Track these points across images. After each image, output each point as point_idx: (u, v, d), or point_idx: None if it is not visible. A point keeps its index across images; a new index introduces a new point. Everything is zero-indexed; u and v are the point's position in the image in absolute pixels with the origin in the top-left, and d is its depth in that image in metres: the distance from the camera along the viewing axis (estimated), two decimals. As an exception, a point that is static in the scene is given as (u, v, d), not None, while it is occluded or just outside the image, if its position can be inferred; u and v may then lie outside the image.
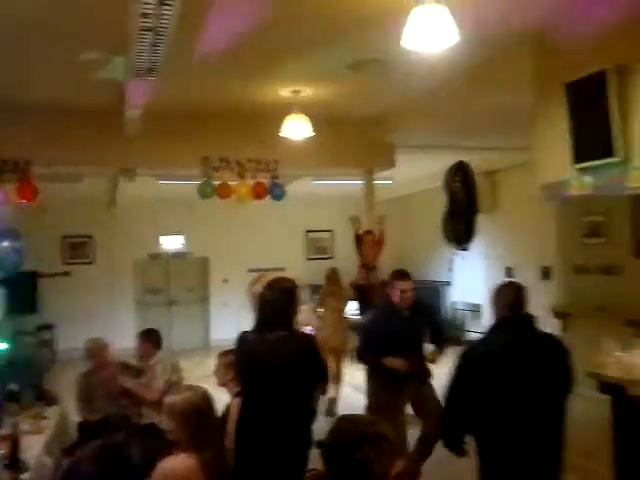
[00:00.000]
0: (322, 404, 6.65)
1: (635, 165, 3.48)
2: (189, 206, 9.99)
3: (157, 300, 11.20)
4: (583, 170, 3.81)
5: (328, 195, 10.82)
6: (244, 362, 3.17)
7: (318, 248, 12.05)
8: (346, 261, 7.68)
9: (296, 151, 5.91)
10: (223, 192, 6.06)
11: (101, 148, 5.87)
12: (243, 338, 3.19)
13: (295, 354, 3.10)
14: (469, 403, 2.92)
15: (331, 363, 6.73)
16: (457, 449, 3.01)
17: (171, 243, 11.22)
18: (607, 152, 3.56)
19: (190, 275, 11.49)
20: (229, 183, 6.11)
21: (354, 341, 8.18)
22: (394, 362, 4.07)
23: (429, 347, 4.51)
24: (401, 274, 4.28)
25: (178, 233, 11.11)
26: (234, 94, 5.55)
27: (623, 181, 3.56)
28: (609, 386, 3.72)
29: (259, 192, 6.13)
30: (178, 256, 11.25)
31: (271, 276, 3.72)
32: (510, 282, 3.27)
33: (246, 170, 6.06)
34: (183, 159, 6.14)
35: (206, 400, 2.67)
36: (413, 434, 4.41)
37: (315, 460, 3.68)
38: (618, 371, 3.70)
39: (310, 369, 3.17)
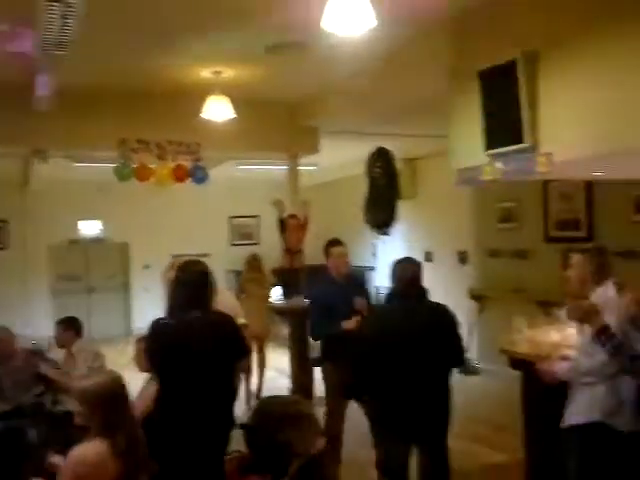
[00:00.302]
0: (247, 390, 6.63)
1: (542, 151, 3.63)
2: (107, 190, 9.68)
3: (75, 287, 10.81)
4: (495, 156, 3.95)
5: (253, 180, 10.74)
6: (161, 346, 3.09)
7: (243, 234, 11.97)
8: (272, 247, 7.63)
9: (219, 134, 5.81)
10: (142, 174, 5.86)
11: (8, 126, 5.49)
12: (158, 322, 3.13)
13: (214, 333, 3.09)
14: (368, 363, 3.36)
15: (254, 350, 6.65)
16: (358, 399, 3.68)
17: (89, 228, 10.84)
18: (517, 139, 3.69)
19: (110, 261, 11.17)
20: (148, 165, 5.92)
21: (277, 327, 8.17)
22: (350, 323, 4.06)
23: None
24: (334, 241, 4.52)
25: (95, 218, 10.75)
26: (153, 73, 5.35)
27: (532, 166, 3.71)
28: (519, 362, 3.89)
29: (180, 175, 5.97)
30: (96, 241, 10.89)
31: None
32: (407, 258, 3.62)
33: (166, 152, 5.89)
34: (99, 140, 5.86)
35: (119, 384, 2.61)
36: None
37: (238, 442, 3.69)
38: (527, 347, 3.88)
39: (230, 348, 3.16)
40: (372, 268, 11.02)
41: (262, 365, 7.04)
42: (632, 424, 2.92)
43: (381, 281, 11.02)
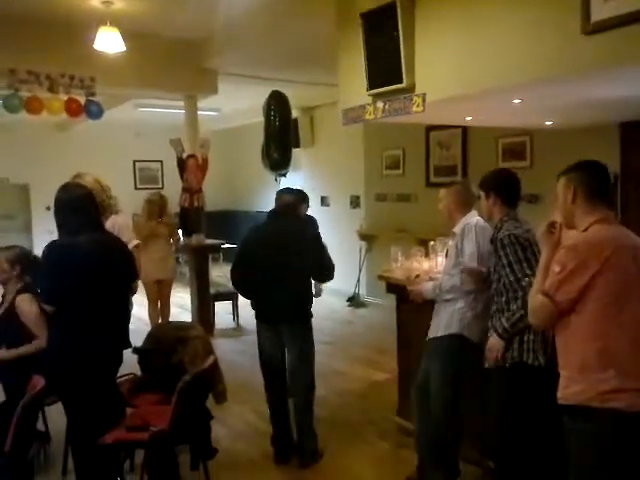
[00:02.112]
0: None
1: (417, 92, 3.66)
2: (7, 129, 8.90)
3: (-28, 228, 10.01)
4: (376, 96, 3.94)
5: (157, 125, 10.28)
6: (61, 267, 2.83)
7: (148, 177, 11.55)
8: (176, 191, 7.25)
9: (113, 69, 5.41)
10: (33, 106, 5.34)
11: None
12: (56, 244, 2.88)
13: (107, 256, 2.94)
14: (242, 267, 3.65)
15: (157, 298, 6.06)
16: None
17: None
18: (396, 79, 3.69)
19: (9, 202, 10.39)
20: (40, 97, 5.40)
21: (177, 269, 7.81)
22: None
23: None
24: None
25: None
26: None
27: (408, 106, 3.74)
28: (393, 286, 4.01)
29: (73, 109, 5.51)
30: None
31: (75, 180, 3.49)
32: (287, 188, 3.91)
33: (58, 85, 5.40)
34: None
35: None
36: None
37: (130, 366, 3.61)
38: (400, 273, 3.99)
39: (122, 270, 3.04)
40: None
41: (167, 313, 6.28)
42: (484, 336, 3.10)
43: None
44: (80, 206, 2.91)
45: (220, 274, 9.40)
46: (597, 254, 1.99)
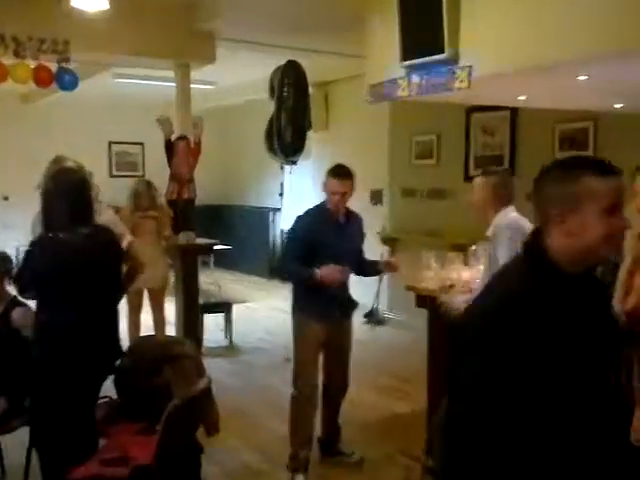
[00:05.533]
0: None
1: (462, 64, 3.68)
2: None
3: None
4: (411, 69, 3.97)
5: (138, 100, 10.35)
6: (51, 263, 3.02)
7: (126, 163, 11.65)
8: (160, 179, 7.25)
9: (92, 31, 5.46)
10: (-5, 73, 5.42)
11: None
12: (46, 238, 3.07)
13: (104, 251, 3.15)
14: None
15: (140, 308, 6.16)
16: None
17: None
18: (436, 49, 3.72)
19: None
20: (4, 63, 5.48)
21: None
22: (329, 272, 3.78)
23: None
24: (337, 170, 4.17)
25: None
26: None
27: (451, 82, 3.77)
28: (424, 299, 4.03)
29: (42, 77, 5.57)
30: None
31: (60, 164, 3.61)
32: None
33: (25, 49, 5.47)
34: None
35: None
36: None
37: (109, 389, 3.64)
38: (434, 284, 4.01)
39: (118, 265, 3.31)
40: (278, 210, 10.93)
41: (162, 329, 6.37)
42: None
43: (286, 224, 11.04)
44: (70, 195, 3.06)
45: (210, 281, 9.41)
46: None
